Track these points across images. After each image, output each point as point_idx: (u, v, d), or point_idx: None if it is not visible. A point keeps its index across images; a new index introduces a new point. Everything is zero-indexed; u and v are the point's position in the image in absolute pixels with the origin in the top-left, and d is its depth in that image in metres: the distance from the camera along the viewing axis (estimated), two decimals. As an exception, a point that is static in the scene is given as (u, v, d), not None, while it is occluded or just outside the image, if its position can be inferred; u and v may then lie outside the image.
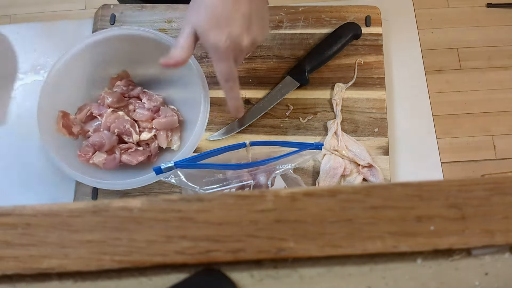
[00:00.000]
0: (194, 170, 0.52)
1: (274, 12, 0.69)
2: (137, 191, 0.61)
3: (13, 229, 0.23)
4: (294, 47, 0.67)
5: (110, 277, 0.23)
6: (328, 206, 0.23)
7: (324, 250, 0.22)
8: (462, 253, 0.23)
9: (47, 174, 0.64)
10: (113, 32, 0.59)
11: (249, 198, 0.23)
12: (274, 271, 0.23)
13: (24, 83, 0.71)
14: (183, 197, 0.23)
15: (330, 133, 0.61)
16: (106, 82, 0.64)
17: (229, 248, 0.22)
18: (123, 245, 0.22)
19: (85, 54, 0.60)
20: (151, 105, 0.61)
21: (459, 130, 1.52)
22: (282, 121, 0.64)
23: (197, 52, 0.67)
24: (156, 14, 0.70)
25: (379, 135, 0.63)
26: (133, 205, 0.23)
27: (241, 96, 0.53)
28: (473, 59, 1.60)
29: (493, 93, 1.56)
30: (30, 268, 0.22)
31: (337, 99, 0.64)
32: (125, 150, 0.59)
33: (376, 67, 0.66)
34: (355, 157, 0.60)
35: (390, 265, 0.23)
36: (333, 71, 0.66)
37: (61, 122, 0.58)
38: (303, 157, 0.54)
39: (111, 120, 0.59)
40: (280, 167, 0.54)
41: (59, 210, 0.23)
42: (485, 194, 0.23)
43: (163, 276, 0.23)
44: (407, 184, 0.23)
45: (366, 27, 0.67)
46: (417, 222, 0.23)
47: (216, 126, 0.64)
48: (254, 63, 0.67)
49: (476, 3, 1.67)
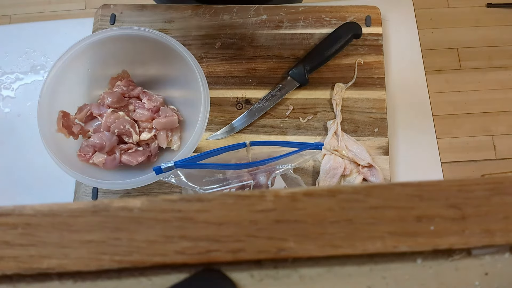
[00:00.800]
0: (194, 170, 0.52)
1: (274, 12, 0.69)
2: (137, 191, 0.61)
3: (13, 229, 0.23)
4: (294, 47, 0.67)
5: (110, 277, 0.23)
6: (328, 206, 0.23)
7: (324, 250, 0.22)
8: (462, 253, 0.23)
9: (47, 174, 0.65)
10: (113, 32, 0.59)
11: (249, 198, 0.23)
12: (274, 271, 0.23)
13: (24, 83, 0.71)
14: (183, 197, 0.23)
15: (330, 133, 0.61)
16: (106, 82, 0.64)
17: (229, 248, 0.22)
18: (123, 245, 0.22)
19: (85, 54, 0.60)
20: (151, 105, 0.61)
21: (459, 130, 1.52)
22: (282, 121, 0.64)
23: (197, 52, 0.67)
24: (156, 14, 0.70)
25: (379, 135, 0.63)
26: (133, 205, 0.23)
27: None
28: (473, 59, 1.60)
29: (493, 93, 1.56)
30: (30, 268, 0.22)
31: (337, 99, 0.64)
32: (125, 151, 0.59)
33: (376, 67, 0.66)
34: (355, 157, 0.60)
35: (390, 265, 0.23)
36: (333, 71, 0.66)
37: (61, 122, 0.58)
38: (303, 157, 0.54)
39: (111, 120, 0.59)
40: (280, 167, 0.54)
41: (59, 210, 0.23)
42: (485, 194, 0.23)
43: (163, 276, 0.23)
44: (407, 184, 0.23)
45: (366, 27, 0.67)
46: (417, 222, 0.23)
47: (216, 126, 0.64)
48: (254, 63, 0.67)
49: (476, 3, 1.67)
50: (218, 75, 0.67)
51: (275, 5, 0.70)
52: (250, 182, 0.53)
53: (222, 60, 0.67)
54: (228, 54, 0.67)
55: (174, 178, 0.52)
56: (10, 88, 0.70)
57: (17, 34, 0.73)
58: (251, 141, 0.53)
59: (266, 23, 0.69)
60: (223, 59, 0.67)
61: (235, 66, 0.67)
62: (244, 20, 0.69)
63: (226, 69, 0.67)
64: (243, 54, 0.67)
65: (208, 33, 0.69)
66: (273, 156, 0.53)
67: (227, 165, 0.52)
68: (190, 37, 0.68)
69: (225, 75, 0.67)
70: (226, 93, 0.66)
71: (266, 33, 0.68)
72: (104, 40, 0.59)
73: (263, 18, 0.69)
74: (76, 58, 0.59)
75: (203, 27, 0.69)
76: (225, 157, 0.54)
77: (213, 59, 0.67)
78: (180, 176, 0.52)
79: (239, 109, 0.65)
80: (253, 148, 0.54)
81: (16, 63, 0.71)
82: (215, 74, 0.67)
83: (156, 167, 0.50)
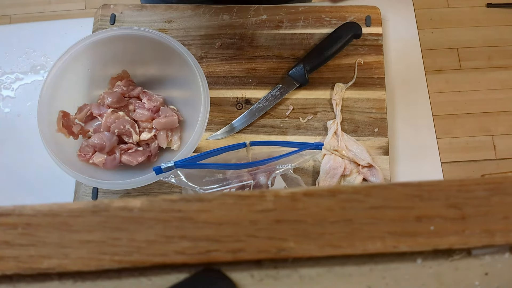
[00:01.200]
0: (194, 170, 0.52)
1: (274, 12, 0.69)
2: (137, 191, 0.61)
3: (13, 229, 0.23)
4: (294, 47, 0.67)
5: (110, 277, 0.23)
6: (328, 206, 0.23)
7: (324, 250, 0.22)
8: (462, 253, 0.23)
9: (47, 174, 0.65)
10: (113, 32, 0.59)
11: (249, 198, 0.23)
12: (274, 271, 0.23)
13: (24, 83, 0.71)
14: (183, 197, 0.23)
15: (330, 133, 0.61)
16: (106, 82, 0.64)
17: (229, 248, 0.22)
18: (123, 245, 0.22)
19: (85, 54, 0.60)
20: (151, 105, 0.61)
21: (459, 130, 1.52)
22: (282, 121, 0.64)
23: (197, 52, 0.67)
24: (156, 14, 0.70)
25: (379, 135, 0.63)
26: (133, 205, 0.23)
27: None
28: (473, 59, 1.60)
29: (493, 93, 1.56)
30: (30, 268, 0.22)
31: (337, 99, 0.64)
32: (125, 151, 0.59)
33: (376, 67, 0.66)
34: (355, 157, 0.60)
35: (390, 265, 0.23)
36: (333, 71, 0.66)
37: (61, 122, 0.58)
38: (303, 157, 0.54)
39: (111, 121, 0.59)
40: (280, 167, 0.54)
41: (59, 210, 0.23)
42: (485, 194, 0.23)
43: (163, 276, 0.23)
44: (407, 184, 0.23)
45: (366, 27, 0.67)
46: (417, 222, 0.23)
47: (216, 126, 0.64)
48: (254, 63, 0.67)
49: (476, 3, 1.67)
50: (218, 75, 0.67)
51: (275, 5, 0.70)
52: (250, 182, 0.53)
53: (222, 60, 0.67)
54: (228, 54, 0.67)
55: (174, 178, 0.52)
56: (10, 88, 0.70)
57: (17, 34, 0.73)
58: (251, 141, 0.53)
59: (266, 23, 0.69)
60: (223, 59, 0.67)
61: (235, 66, 0.67)
62: (244, 20, 0.69)
63: (226, 69, 0.67)
64: (243, 54, 0.67)
65: (208, 33, 0.69)
66: (273, 156, 0.53)
67: (227, 165, 0.52)
68: (190, 37, 0.68)
69: (225, 75, 0.67)
70: (226, 93, 0.66)
71: (266, 33, 0.68)
72: (104, 40, 0.59)
73: (263, 18, 0.69)
74: (76, 58, 0.59)
75: (203, 27, 0.69)
76: (225, 157, 0.54)
77: (213, 59, 0.67)
78: (180, 176, 0.52)
79: (239, 109, 0.65)
80: (253, 148, 0.54)
81: (16, 63, 0.71)
82: (215, 74, 0.67)
83: (156, 167, 0.50)
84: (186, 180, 0.52)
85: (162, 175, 0.52)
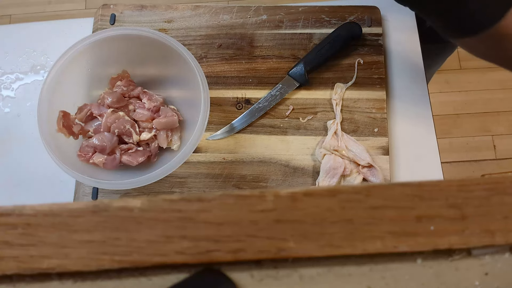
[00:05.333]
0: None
1: (274, 12, 0.69)
2: (137, 191, 0.61)
3: (13, 229, 0.23)
4: (294, 47, 0.67)
5: (110, 277, 0.23)
6: (328, 206, 0.23)
7: (324, 250, 0.22)
8: (462, 253, 0.23)
9: (47, 174, 0.64)
10: (113, 32, 0.59)
11: (249, 198, 0.23)
12: (274, 271, 0.23)
13: (24, 83, 0.71)
14: (183, 197, 0.23)
15: (330, 133, 0.61)
16: (106, 82, 0.64)
17: (229, 248, 0.22)
18: (123, 245, 0.22)
19: (85, 54, 0.60)
20: (151, 105, 0.61)
21: (459, 130, 1.52)
22: (282, 121, 0.64)
23: (197, 52, 0.67)
24: (156, 14, 0.70)
25: (379, 135, 0.63)
26: (133, 205, 0.23)
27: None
28: (473, 59, 1.59)
29: (493, 93, 1.56)
30: (30, 268, 0.22)
31: (337, 99, 0.64)
32: (125, 151, 0.59)
33: (376, 67, 0.66)
34: (355, 157, 0.60)
35: (390, 265, 0.23)
36: (333, 71, 0.66)
37: (61, 122, 0.58)
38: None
39: (111, 121, 0.59)
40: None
41: (59, 210, 0.23)
42: (485, 194, 0.23)
43: (163, 276, 0.23)
44: (407, 184, 0.23)
45: (366, 27, 0.67)
46: (417, 222, 0.23)
47: (216, 126, 0.64)
48: (254, 63, 0.67)
49: (476, 3, 1.66)
50: (218, 75, 0.67)
51: (275, 5, 0.70)
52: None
53: (222, 60, 0.67)
54: (228, 54, 0.67)
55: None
56: (10, 88, 0.70)
57: (17, 34, 0.73)
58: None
59: (266, 23, 0.69)
60: (223, 59, 0.67)
61: (235, 66, 0.67)
62: (244, 20, 0.69)
63: (226, 69, 0.67)
64: (243, 54, 0.67)
65: (208, 33, 0.69)
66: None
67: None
68: (190, 37, 0.68)
69: (225, 75, 0.67)
70: (226, 93, 0.66)
71: (266, 33, 0.68)
72: (104, 40, 0.59)
73: (263, 18, 0.69)
74: (76, 58, 0.59)
75: (203, 27, 0.69)
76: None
77: (213, 59, 0.67)
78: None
79: (239, 109, 0.65)
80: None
81: (16, 63, 0.71)
82: (215, 74, 0.67)
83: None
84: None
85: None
